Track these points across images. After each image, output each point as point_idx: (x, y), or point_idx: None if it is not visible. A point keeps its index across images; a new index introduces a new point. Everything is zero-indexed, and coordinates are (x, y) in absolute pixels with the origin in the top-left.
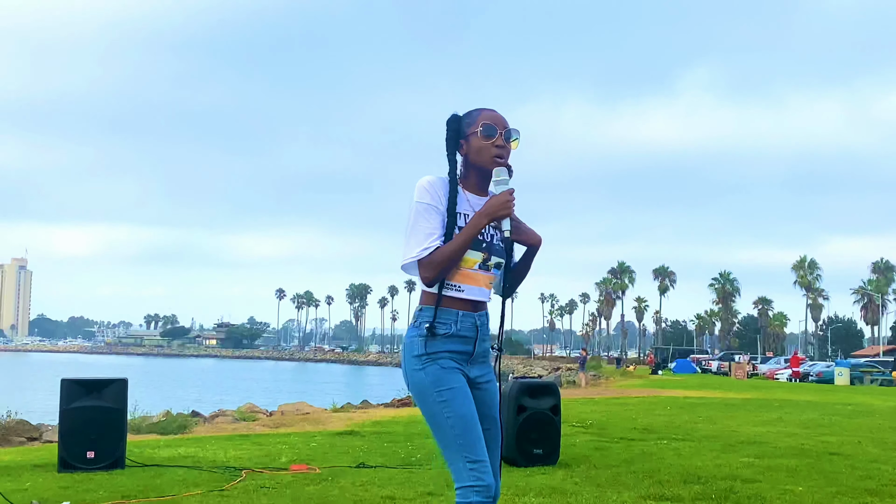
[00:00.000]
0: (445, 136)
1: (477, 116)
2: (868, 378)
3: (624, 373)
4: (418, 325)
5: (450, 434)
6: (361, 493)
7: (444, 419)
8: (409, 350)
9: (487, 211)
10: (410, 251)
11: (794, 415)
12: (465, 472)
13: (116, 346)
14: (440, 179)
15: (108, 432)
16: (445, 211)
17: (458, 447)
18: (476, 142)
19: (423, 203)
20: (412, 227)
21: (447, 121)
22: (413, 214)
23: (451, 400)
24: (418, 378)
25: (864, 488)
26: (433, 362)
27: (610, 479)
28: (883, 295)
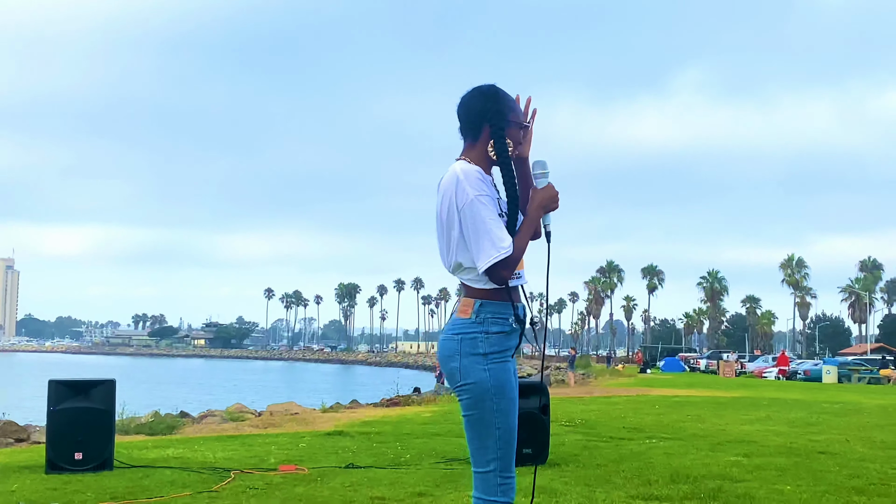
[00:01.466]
0: (483, 108)
1: (517, 107)
2: (856, 376)
3: (613, 372)
4: (482, 322)
5: (492, 445)
6: (350, 493)
7: (493, 428)
8: (467, 345)
9: (543, 203)
10: (494, 250)
11: (783, 413)
12: (494, 485)
13: (104, 346)
14: (478, 168)
15: (96, 433)
16: (497, 200)
17: (496, 459)
18: (516, 134)
19: (483, 195)
20: (483, 225)
21: (490, 93)
22: (479, 209)
23: (507, 412)
24: (481, 378)
25: (852, 487)
26: (497, 363)
27: (599, 479)
28: (870, 293)
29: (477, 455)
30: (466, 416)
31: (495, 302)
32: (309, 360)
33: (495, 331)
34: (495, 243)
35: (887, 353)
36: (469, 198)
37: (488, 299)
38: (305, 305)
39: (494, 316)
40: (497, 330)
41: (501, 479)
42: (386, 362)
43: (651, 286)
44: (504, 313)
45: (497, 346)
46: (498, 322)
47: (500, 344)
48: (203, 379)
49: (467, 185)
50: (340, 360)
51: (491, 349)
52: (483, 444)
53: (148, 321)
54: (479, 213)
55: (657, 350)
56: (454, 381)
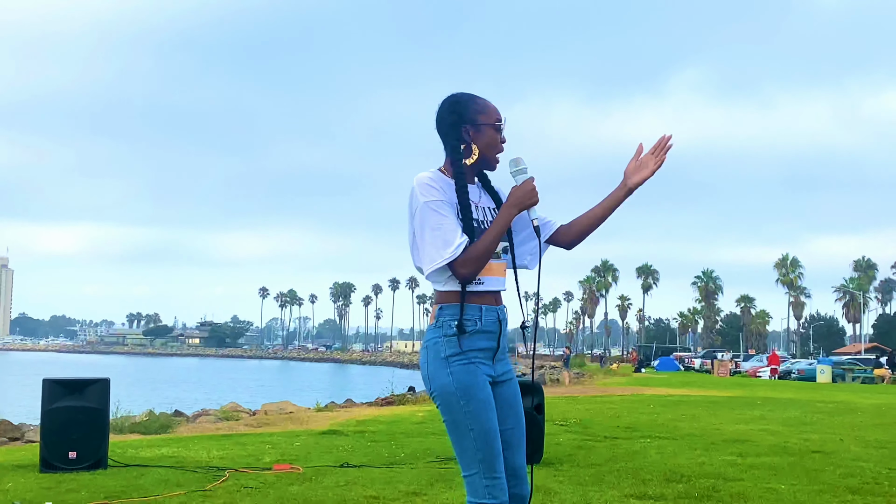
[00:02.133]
0: (447, 120)
1: (486, 106)
2: (850, 376)
3: (608, 371)
4: (440, 325)
5: (470, 447)
6: (345, 492)
7: (466, 430)
8: (432, 352)
9: (517, 201)
10: (439, 253)
11: (777, 413)
12: (480, 487)
13: (99, 345)
14: (437, 173)
15: (91, 432)
16: (456, 204)
17: (477, 461)
18: (490, 134)
19: (434, 200)
20: (431, 228)
21: (449, 102)
22: (425, 214)
23: (478, 412)
24: (444, 382)
25: (846, 486)
26: (460, 365)
27: (593, 478)
28: (864, 293)
29: (460, 459)
30: (444, 421)
31: (454, 304)
32: (303, 360)
33: (452, 333)
34: (438, 247)
35: (881, 352)
36: (419, 203)
37: (447, 303)
38: (300, 304)
39: (452, 318)
40: (454, 332)
41: (487, 481)
42: (380, 361)
43: (646, 285)
44: (467, 315)
45: (457, 347)
46: (463, 323)
47: (461, 345)
48: (197, 378)
49: (418, 191)
50: (335, 360)
51: (452, 351)
52: (462, 447)
53: (142, 320)
54: (426, 218)
55: (652, 349)
56: (427, 389)
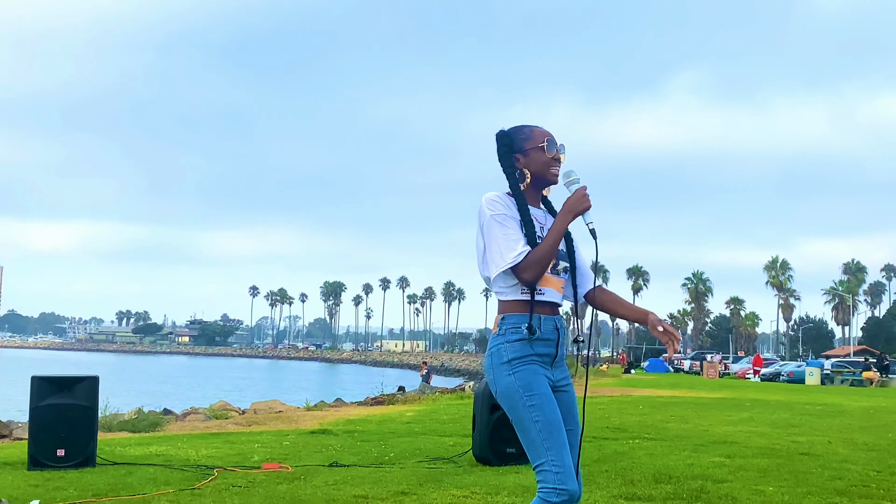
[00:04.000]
0: (500, 152)
1: (531, 132)
2: (839, 378)
3: (596, 372)
4: (503, 333)
5: (537, 438)
6: (334, 492)
7: (532, 423)
8: (496, 358)
9: (570, 208)
10: (503, 258)
11: (765, 415)
12: (550, 474)
13: (88, 342)
14: (503, 194)
15: (79, 430)
16: (519, 220)
17: (544, 450)
18: (539, 156)
19: (499, 214)
20: (497, 237)
21: (499, 136)
22: (491, 226)
23: (540, 405)
24: (507, 383)
25: (834, 489)
26: (522, 367)
27: (582, 479)
28: (854, 296)
29: (529, 452)
30: (512, 421)
31: (514, 314)
32: (293, 359)
33: (515, 339)
34: (503, 254)
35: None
36: (486, 217)
37: (508, 312)
38: (290, 303)
39: (513, 326)
40: (517, 338)
41: (557, 468)
42: (371, 361)
43: (636, 287)
44: (520, 323)
45: (519, 352)
46: (516, 332)
47: (521, 350)
48: (187, 376)
49: (486, 207)
50: (325, 359)
51: (514, 355)
52: (529, 439)
53: (132, 318)
54: (491, 229)
55: (641, 351)
56: (494, 392)
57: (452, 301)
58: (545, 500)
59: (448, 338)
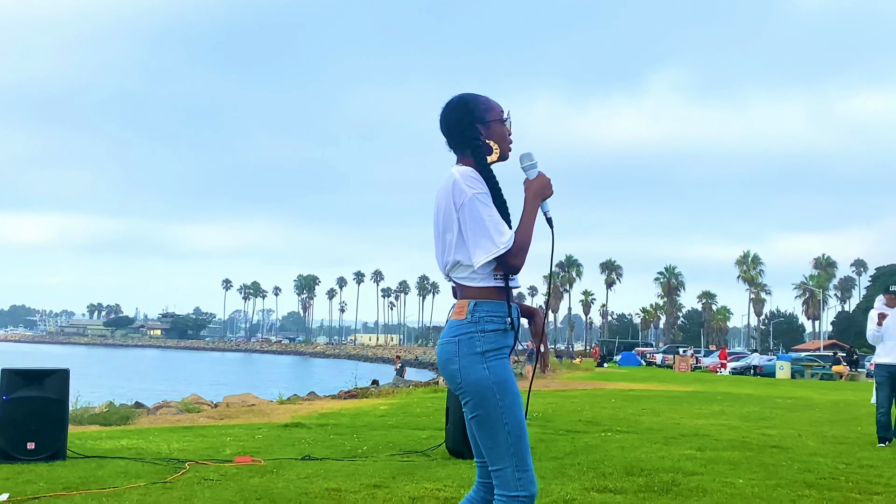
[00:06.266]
0: (462, 122)
1: (491, 103)
2: (809, 372)
3: (570, 365)
4: (476, 321)
5: (504, 440)
6: (306, 485)
7: (501, 424)
8: (465, 346)
9: (538, 192)
10: (493, 244)
11: (736, 408)
12: (512, 480)
13: (59, 335)
14: (473, 170)
15: (50, 423)
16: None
17: (510, 455)
18: (499, 129)
19: (482, 193)
20: (483, 218)
21: (457, 103)
22: (475, 206)
23: (512, 406)
24: (480, 376)
25: (803, 481)
26: (496, 360)
27: (554, 471)
28: (824, 290)
29: (491, 453)
30: (473, 416)
31: (490, 301)
32: (266, 352)
33: (491, 329)
34: (493, 238)
35: (840, 349)
36: (467, 196)
37: (483, 298)
38: (264, 297)
39: (489, 314)
40: (493, 328)
41: (519, 474)
42: (344, 354)
43: (609, 281)
44: (499, 312)
45: (494, 343)
46: (493, 321)
47: (497, 342)
48: (158, 369)
49: (464, 184)
50: (298, 352)
51: (488, 347)
52: (495, 441)
53: (103, 311)
54: (476, 209)
55: (614, 344)
56: (455, 384)
57: (426, 295)
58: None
59: (422, 331)
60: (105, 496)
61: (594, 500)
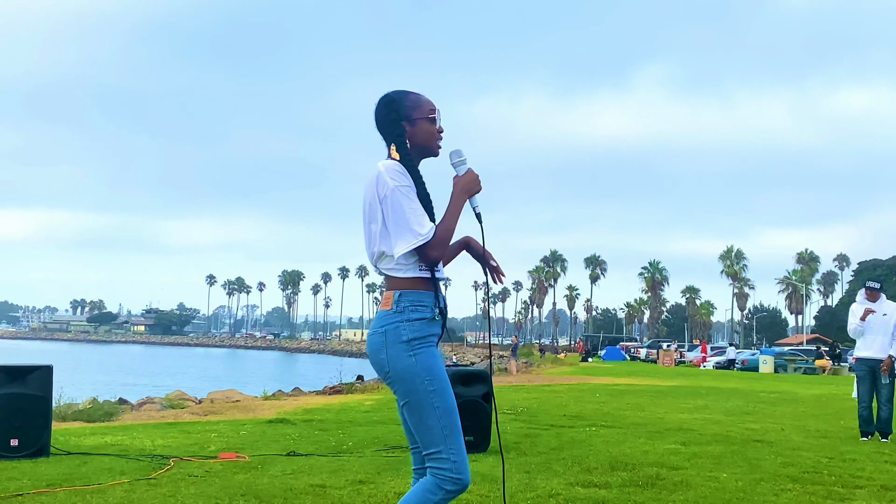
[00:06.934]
0: (387, 119)
1: (420, 101)
2: (792, 366)
3: (554, 360)
4: (401, 311)
5: (436, 424)
6: (291, 481)
7: (432, 409)
8: (391, 336)
9: (466, 188)
10: (414, 234)
11: (720, 402)
12: (448, 462)
13: (42, 331)
14: (398, 163)
15: (33, 420)
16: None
17: (442, 438)
18: (427, 127)
19: (404, 185)
20: (405, 210)
21: (385, 101)
22: (397, 198)
23: (441, 390)
24: (407, 364)
25: (787, 475)
26: (423, 348)
27: (539, 466)
28: (807, 285)
29: (425, 438)
30: (404, 404)
31: (415, 291)
32: (251, 348)
33: (416, 318)
34: (414, 229)
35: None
36: (390, 188)
37: (408, 289)
38: (248, 292)
39: (414, 304)
40: (418, 317)
41: (454, 457)
42: (329, 350)
43: (594, 276)
44: (424, 301)
45: (420, 332)
46: (418, 310)
47: (422, 330)
48: (142, 365)
49: (388, 177)
50: (283, 348)
51: (414, 335)
52: (427, 425)
53: (86, 307)
54: (398, 201)
55: (599, 339)
56: (384, 373)
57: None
58: (441, 487)
59: None
60: (89, 493)
61: (579, 494)
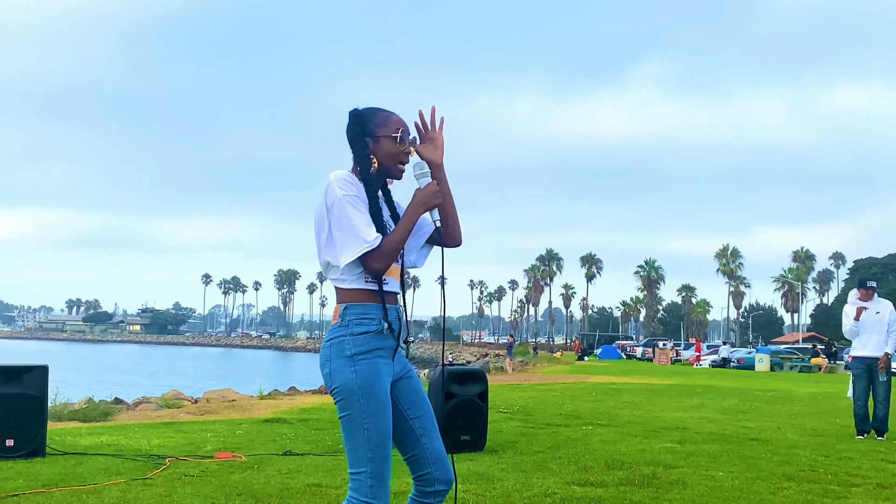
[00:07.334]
0: (351, 132)
1: (387, 119)
2: (788, 365)
3: (551, 359)
4: (346, 324)
5: (363, 445)
6: (287, 480)
7: (361, 429)
8: (335, 349)
9: (423, 201)
10: (358, 243)
11: (716, 401)
12: (365, 487)
13: (37, 331)
14: (351, 174)
15: (28, 420)
16: (367, 205)
17: (367, 460)
18: (389, 145)
19: (351, 195)
20: (348, 220)
21: (353, 116)
22: (343, 207)
23: (376, 412)
24: (347, 379)
25: (783, 473)
26: (365, 363)
27: (536, 465)
28: (803, 283)
29: (350, 457)
30: (341, 417)
31: (360, 304)
32: (247, 347)
33: (360, 331)
34: (360, 236)
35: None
36: (336, 197)
37: (352, 301)
38: (244, 292)
39: (360, 317)
40: (362, 331)
41: (373, 482)
42: None
43: (589, 274)
44: (369, 314)
45: (363, 346)
46: (363, 323)
47: (367, 344)
48: (138, 365)
49: (336, 186)
50: (279, 347)
51: (357, 350)
52: (354, 444)
53: (82, 306)
54: (344, 210)
55: (595, 338)
56: (329, 386)
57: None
58: None
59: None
60: (85, 493)
61: (575, 493)
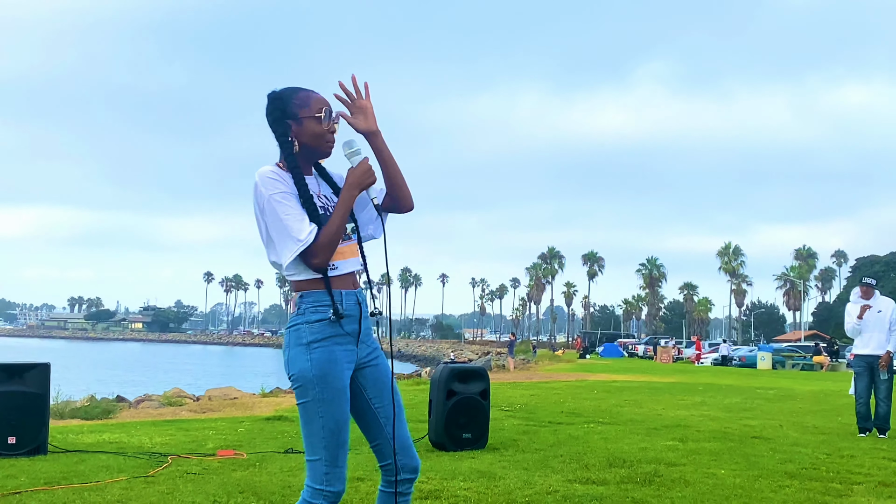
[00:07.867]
0: (271, 117)
1: (308, 99)
2: (790, 363)
3: (552, 357)
4: (302, 312)
5: (318, 434)
6: (289, 478)
7: (317, 417)
8: (293, 337)
9: (356, 181)
10: (294, 241)
11: (718, 399)
12: (320, 474)
13: (39, 329)
14: (275, 168)
15: (31, 417)
16: (297, 195)
17: (322, 448)
18: (313, 126)
19: (279, 192)
20: (281, 219)
21: (271, 99)
22: (273, 206)
23: (330, 400)
24: (303, 367)
25: (785, 471)
26: (321, 350)
27: (537, 463)
28: (805, 281)
29: (306, 444)
30: (299, 404)
31: (314, 291)
32: (249, 345)
33: (315, 319)
34: (293, 235)
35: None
36: (265, 198)
37: (307, 290)
38: (246, 289)
39: (315, 305)
40: (317, 318)
41: (327, 468)
42: None
43: (591, 273)
44: (323, 301)
45: (319, 333)
46: (318, 311)
47: (322, 332)
48: (140, 363)
49: (262, 186)
50: (280, 345)
51: (313, 337)
52: (309, 431)
53: (84, 304)
54: (274, 210)
55: (596, 336)
56: (288, 374)
57: (409, 287)
58: (306, 500)
59: (404, 324)
60: (87, 491)
61: (577, 491)
